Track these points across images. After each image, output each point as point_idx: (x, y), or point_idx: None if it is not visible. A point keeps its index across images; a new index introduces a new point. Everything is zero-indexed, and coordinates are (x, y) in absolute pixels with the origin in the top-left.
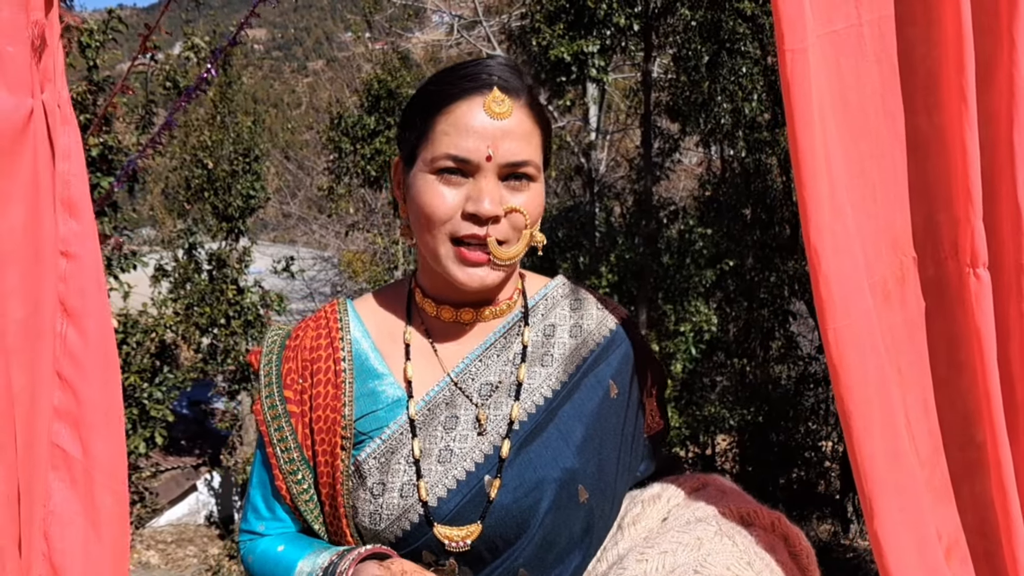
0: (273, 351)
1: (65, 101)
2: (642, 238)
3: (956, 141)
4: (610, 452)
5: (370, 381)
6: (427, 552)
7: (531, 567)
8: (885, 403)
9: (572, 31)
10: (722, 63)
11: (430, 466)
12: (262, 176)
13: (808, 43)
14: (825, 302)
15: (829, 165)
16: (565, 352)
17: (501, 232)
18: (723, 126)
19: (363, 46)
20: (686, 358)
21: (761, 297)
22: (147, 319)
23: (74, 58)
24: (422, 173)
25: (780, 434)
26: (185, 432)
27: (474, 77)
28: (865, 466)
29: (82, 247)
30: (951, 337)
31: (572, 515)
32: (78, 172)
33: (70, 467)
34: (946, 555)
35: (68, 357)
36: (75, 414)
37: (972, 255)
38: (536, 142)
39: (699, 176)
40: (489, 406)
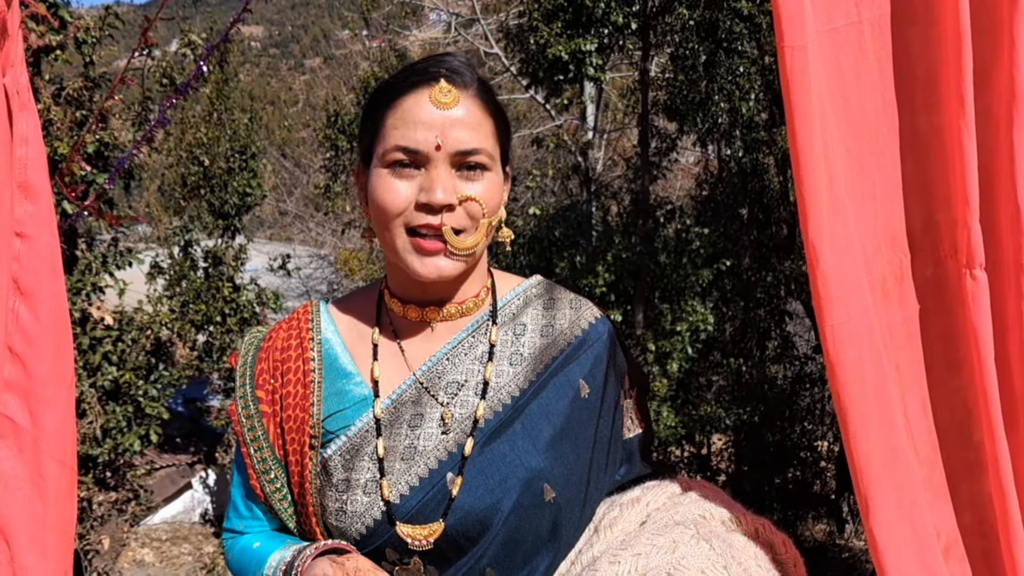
0: (249, 352)
1: (24, 88)
2: (639, 237)
3: (954, 141)
4: (580, 452)
5: (339, 381)
6: (390, 551)
7: (497, 567)
8: (883, 401)
9: (570, 30)
10: (719, 62)
11: (393, 464)
12: (258, 174)
13: (808, 40)
14: (823, 299)
15: (828, 162)
16: (534, 351)
17: (456, 221)
18: (720, 125)
19: (360, 44)
20: (682, 357)
21: (758, 297)
22: (142, 316)
23: (70, 54)
24: (376, 169)
25: (776, 434)
26: (180, 430)
27: (421, 72)
28: (861, 463)
29: (37, 229)
30: (949, 336)
31: (537, 514)
32: (36, 157)
33: (18, 436)
34: (944, 554)
35: (20, 333)
36: (25, 387)
37: (968, 256)
38: (487, 131)
39: (696, 175)
40: (455, 405)
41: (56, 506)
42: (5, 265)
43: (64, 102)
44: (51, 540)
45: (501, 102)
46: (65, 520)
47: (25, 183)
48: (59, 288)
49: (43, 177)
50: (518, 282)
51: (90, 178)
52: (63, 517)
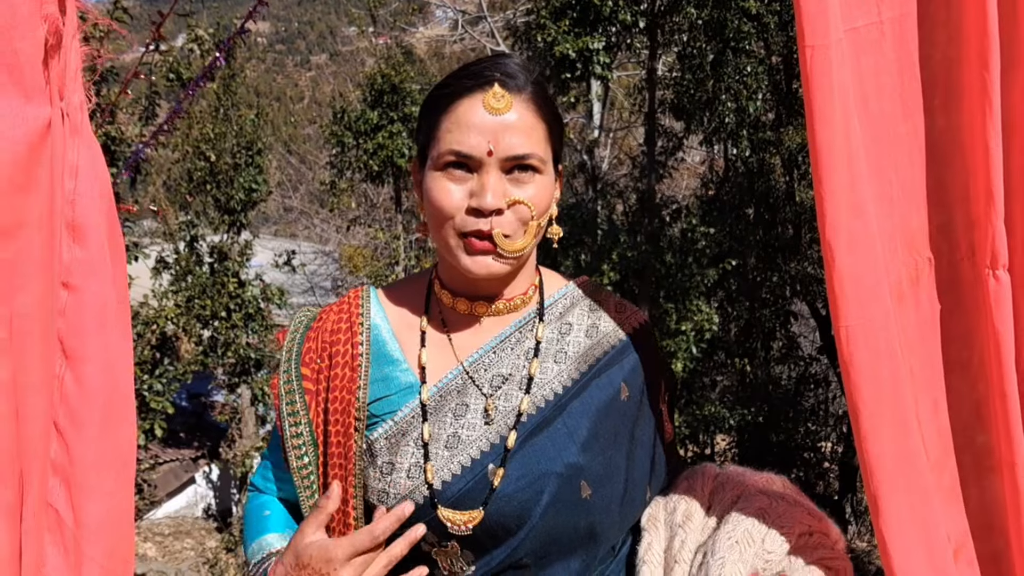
0: (298, 331)
1: (76, 107)
2: (644, 236)
3: (977, 140)
4: (618, 452)
5: (386, 367)
6: (430, 533)
7: (533, 558)
8: (896, 403)
9: (577, 28)
10: (727, 62)
11: (437, 450)
12: (264, 170)
13: (830, 40)
14: (839, 299)
15: (851, 162)
16: (579, 351)
17: (506, 225)
18: (727, 125)
19: (367, 41)
20: (687, 357)
21: (763, 297)
22: (148, 311)
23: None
24: (431, 171)
25: (780, 434)
26: (184, 425)
27: (476, 75)
28: (873, 464)
29: (85, 279)
30: (964, 339)
31: (574, 510)
32: (87, 191)
33: (62, 532)
34: (955, 557)
35: (64, 405)
36: (68, 472)
37: (992, 256)
38: (540, 135)
39: (702, 175)
40: (499, 397)
41: None
42: (51, 323)
43: None
44: None
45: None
46: None
47: (73, 223)
48: (109, 347)
49: (95, 214)
50: (565, 282)
51: None
52: None
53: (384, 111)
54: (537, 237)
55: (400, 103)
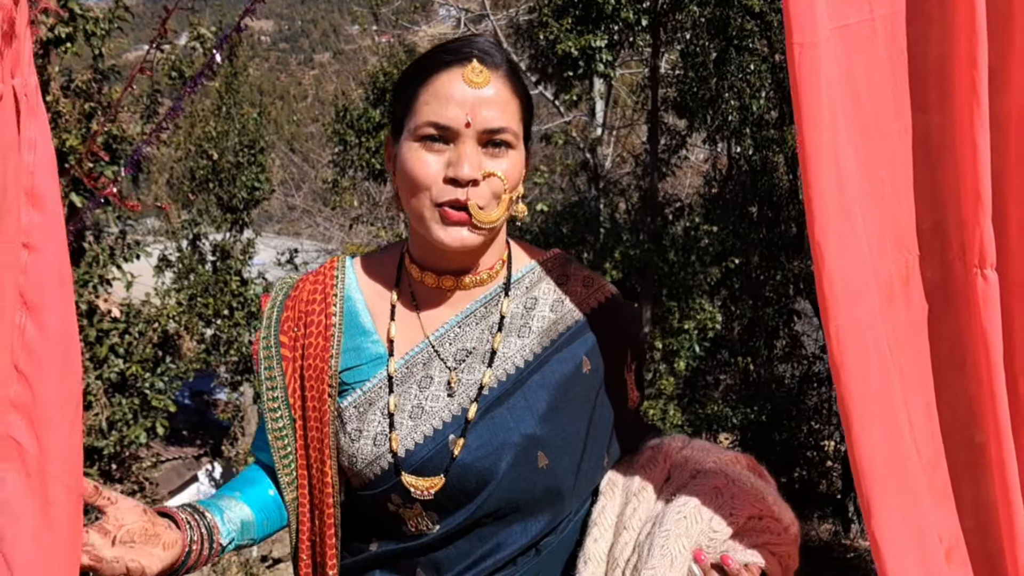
0: (277, 298)
1: (33, 90)
2: (647, 235)
3: (966, 139)
4: (577, 425)
5: (358, 337)
6: (395, 496)
7: (493, 520)
8: (887, 403)
9: (580, 26)
10: (730, 60)
11: (402, 420)
12: (267, 168)
13: (819, 37)
14: (828, 299)
15: (838, 162)
16: (543, 325)
17: (480, 196)
18: (730, 123)
19: (369, 39)
20: (689, 356)
21: (766, 295)
22: (150, 309)
23: (79, 46)
24: (407, 142)
25: (783, 433)
26: (187, 423)
27: (454, 51)
28: (864, 466)
29: (44, 239)
30: (955, 338)
31: (531, 478)
32: (43, 162)
33: (24, 460)
34: (947, 557)
35: (25, 350)
36: (30, 408)
37: (980, 255)
38: (514, 110)
39: (705, 173)
40: (463, 370)
41: (63, 532)
42: (12, 279)
43: (73, 94)
44: (57, 567)
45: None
46: (72, 546)
47: (32, 190)
48: (66, 299)
49: (51, 184)
50: (535, 255)
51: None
52: (70, 543)
53: (386, 109)
54: (508, 211)
55: None
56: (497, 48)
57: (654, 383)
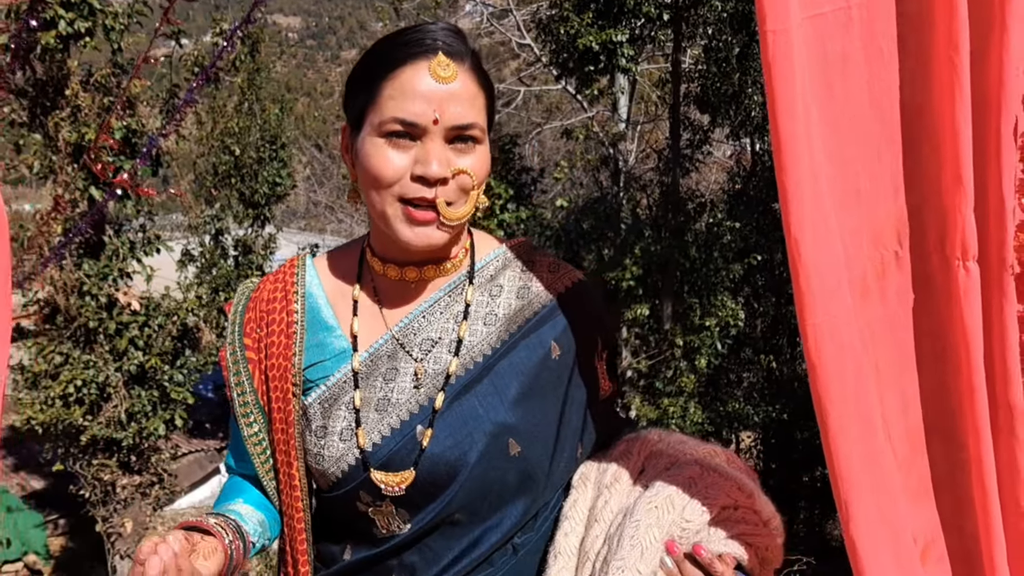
0: (240, 302)
1: None
2: (669, 231)
3: (946, 129)
4: (549, 411)
5: (320, 333)
6: (364, 493)
7: (465, 513)
8: (862, 402)
9: (601, 20)
10: (753, 54)
11: (368, 414)
12: (288, 164)
13: (791, 24)
14: (805, 296)
15: (811, 154)
16: (509, 312)
17: (449, 194)
18: (753, 118)
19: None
20: (711, 353)
21: (789, 293)
22: (169, 303)
23: (99, 42)
24: (370, 137)
25: (805, 432)
26: (210, 415)
27: (418, 42)
28: (841, 467)
29: None
30: (934, 333)
31: (503, 466)
32: None
33: None
34: (922, 556)
35: None
36: None
37: (962, 247)
38: (480, 104)
39: (729, 169)
40: (429, 361)
41: None
42: None
43: (92, 88)
44: None
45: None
46: None
47: None
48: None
49: None
50: (498, 244)
51: (117, 164)
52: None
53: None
54: (475, 206)
55: None
56: (460, 38)
57: (675, 381)
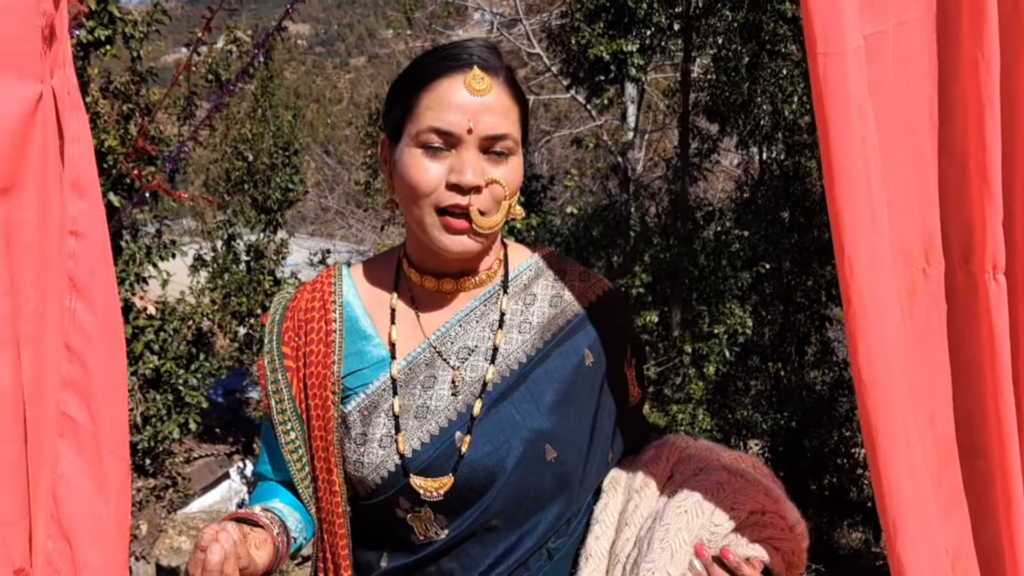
0: (277, 312)
1: (74, 88)
2: (678, 239)
3: (973, 143)
4: (583, 417)
5: (359, 341)
6: (403, 499)
7: (503, 519)
8: (906, 420)
9: (612, 30)
10: (762, 64)
11: (407, 421)
12: (300, 169)
13: (846, 47)
14: (858, 316)
15: (868, 173)
16: (543, 320)
17: (482, 203)
18: (762, 128)
19: (404, 43)
20: (719, 360)
21: (797, 301)
22: (184, 307)
23: (118, 49)
24: (408, 147)
25: (813, 440)
26: (220, 420)
27: (455, 57)
28: (891, 486)
29: (90, 226)
30: (958, 347)
31: (539, 472)
32: (85, 154)
33: (77, 434)
34: (952, 567)
35: (77, 330)
36: (83, 384)
37: (992, 261)
38: (514, 117)
39: (737, 178)
40: (465, 369)
41: (116, 502)
42: (61, 265)
43: (111, 96)
44: (111, 536)
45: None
46: (123, 515)
47: (77, 182)
48: (111, 280)
49: (93, 174)
50: (530, 255)
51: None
52: (121, 512)
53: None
54: (507, 215)
55: None
56: (496, 54)
57: (684, 387)
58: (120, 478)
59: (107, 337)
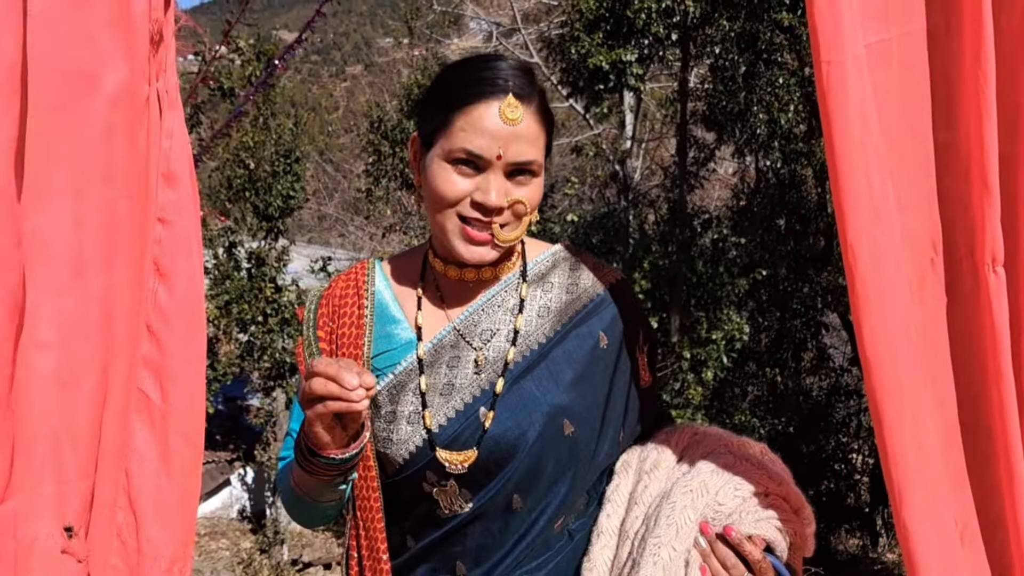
0: (313, 301)
1: (173, 87)
2: (676, 246)
3: (975, 146)
4: (597, 395)
5: (388, 325)
6: (430, 473)
7: (522, 491)
8: (913, 398)
9: (611, 40)
10: (759, 74)
11: (433, 398)
12: (301, 177)
13: (845, 55)
14: (860, 300)
15: (868, 170)
16: (560, 305)
17: (503, 219)
18: (759, 136)
19: (403, 52)
20: (717, 366)
21: (794, 308)
22: None
23: None
24: (438, 159)
25: (810, 445)
26: (220, 427)
27: (491, 82)
28: (896, 457)
29: (177, 215)
30: (965, 333)
31: (557, 445)
32: (179, 149)
33: (150, 412)
34: (960, 538)
35: (157, 312)
36: (158, 364)
37: (992, 254)
38: (541, 143)
39: (733, 186)
40: (488, 350)
41: (182, 482)
42: (149, 249)
43: None
44: (174, 513)
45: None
46: (188, 496)
47: (169, 172)
48: (194, 268)
49: (184, 167)
50: (547, 247)
51: None
52: (187, 493)
53: (414, 111)
54: (527, 229)
55: None
56: (530, 79)
57: (682, 393)
58: (186, 459)
59: (185, 321)
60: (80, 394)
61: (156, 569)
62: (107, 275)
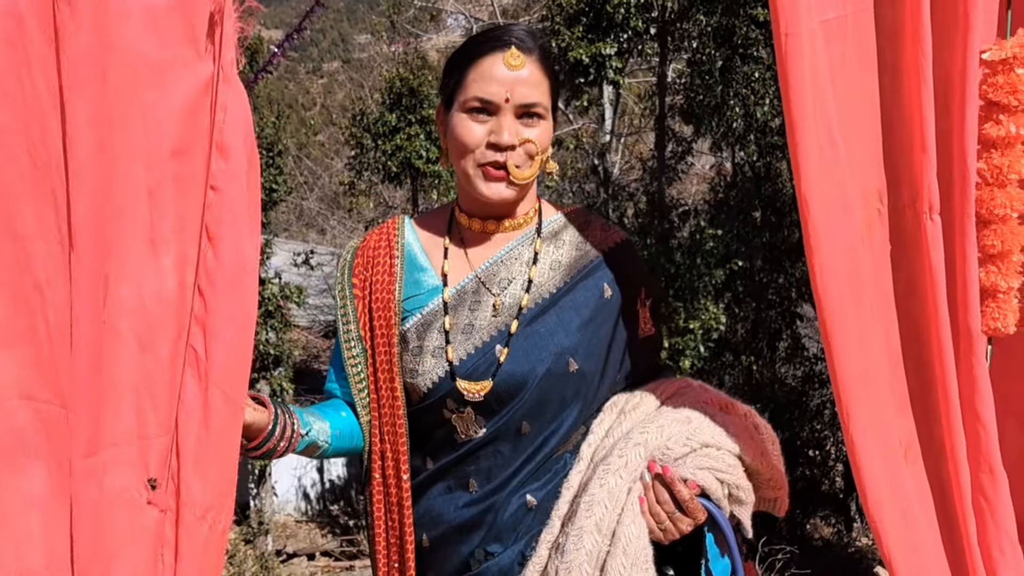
0: (349, 254)
1: (229, 64)
2: (654, 238)
3: (915, 115)
4: (601, 339)
5: (416, 272)
6: (450, 400)
7: (530, 419)
8: (859, 328)
9: (590, 34)
10: (735, 68)
11: (456, 336)
12: (284, 170)
13: (802, 28)
14: (812, 240)
15: (817, 133)
16: (570, 260)
17: (517, 158)
18: (735, 130)
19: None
20: (695, 355)
21: (769, 298)
22: None
23: None
24: (457, 113)
25: (785, 433)
26: None
27: (497, 38)
28: (843, 381)
29: (227, 182)
30: (909, 275)
31: (563, 380)
32: (232, 120)
33: (196, 365)
34: (904, 456)
35: (205, 273)
36: (203, 320)
37: (929, 204)
38: (544, 88)
39: (711, 179)
40: (505, 296)
41: (218, 437)
42: (200, 215)
43: None
44: (211, 466)
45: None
46: (227, 452)
47: (221, 143)
48: (241, 236)
49: (237, 137)
50: (561, 209)
51: None
52: (225, 449)
53: (402, 113)
54: (539, 168)
55: (418, 106)
56: (531, 35)
57: None
58: (225, 415)
59: (228, 283)
60: (158, 356)
61: (191, 515)
62: (178, 244)
